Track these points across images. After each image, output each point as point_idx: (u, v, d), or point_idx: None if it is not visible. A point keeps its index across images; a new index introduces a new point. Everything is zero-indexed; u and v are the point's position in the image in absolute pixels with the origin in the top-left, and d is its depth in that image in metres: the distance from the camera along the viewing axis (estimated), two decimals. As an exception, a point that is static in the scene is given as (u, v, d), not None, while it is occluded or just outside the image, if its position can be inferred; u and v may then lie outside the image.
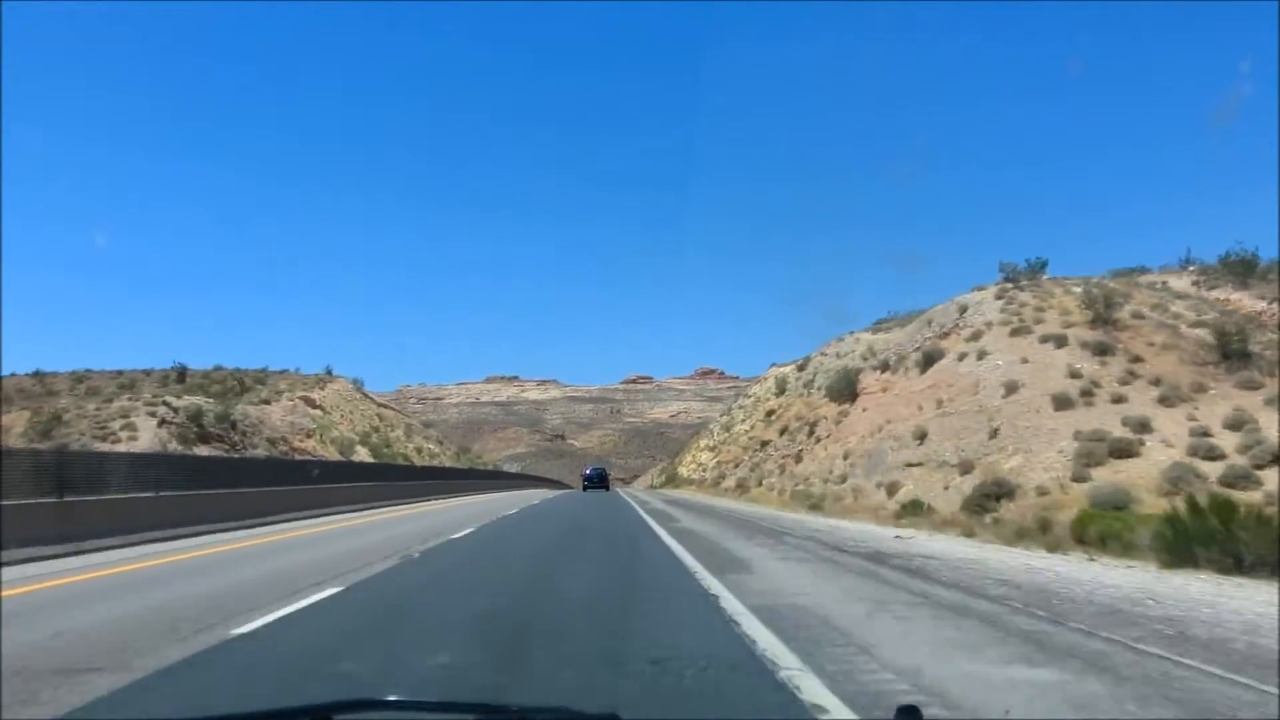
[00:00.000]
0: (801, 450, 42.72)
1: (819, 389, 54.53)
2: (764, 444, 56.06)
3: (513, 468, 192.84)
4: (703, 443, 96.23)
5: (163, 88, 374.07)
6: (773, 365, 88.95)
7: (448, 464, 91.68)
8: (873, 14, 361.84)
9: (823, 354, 66.53)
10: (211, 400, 53.28)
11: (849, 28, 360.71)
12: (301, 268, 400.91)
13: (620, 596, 9.87)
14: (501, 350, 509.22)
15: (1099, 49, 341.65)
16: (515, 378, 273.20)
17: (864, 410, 38.17)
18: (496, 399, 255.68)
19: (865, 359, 49.91)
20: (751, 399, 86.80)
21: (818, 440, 41.63)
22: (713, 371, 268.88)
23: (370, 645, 7.00)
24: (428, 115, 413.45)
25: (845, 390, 42.32)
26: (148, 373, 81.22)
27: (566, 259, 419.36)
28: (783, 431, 53.47)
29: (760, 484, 45.88)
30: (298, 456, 57.83)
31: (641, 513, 28.89)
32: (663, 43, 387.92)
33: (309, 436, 63.68)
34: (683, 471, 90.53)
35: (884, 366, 41.18)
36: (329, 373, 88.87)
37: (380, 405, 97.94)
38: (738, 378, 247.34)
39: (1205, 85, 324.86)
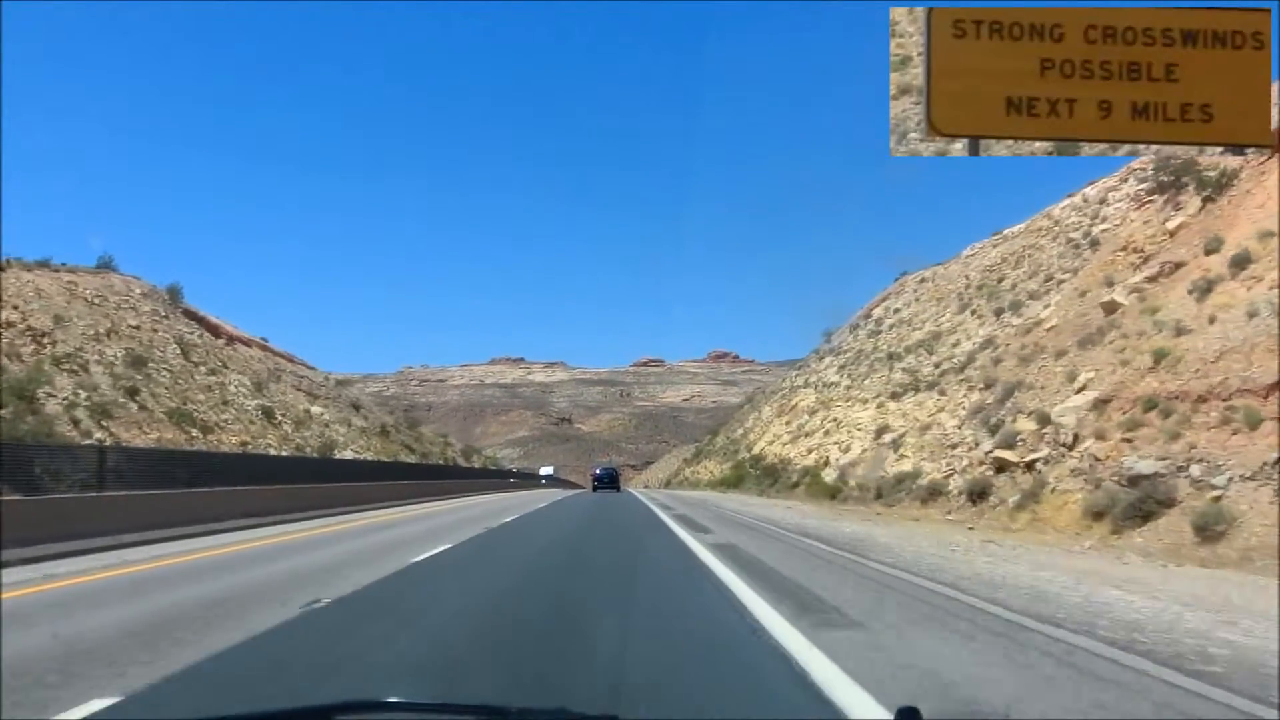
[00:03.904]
0: None
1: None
2: None
3: (514, 452, 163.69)
4: (806, 400, 51.57)
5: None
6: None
7: (348, 451, 49.86)
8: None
9: None
10: None
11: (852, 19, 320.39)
12: (308, 252, 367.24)
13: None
14: (509, 334, 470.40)
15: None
16: (521, 359, 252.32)
17: None
18: (501, 381, 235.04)
19: None
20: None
21: None
22: (726, 355, 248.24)
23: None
24: (434, 100, 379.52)
25: None
26: None
27: (577, 243, 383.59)
28: None
29: None
30: None
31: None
32: (670, 26, 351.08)
33: None
34: (780, 454, 44.47)
35: None
36: (106, 265, 45.39)
37: (232, 338, 51.81)
38: (753, 361, 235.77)
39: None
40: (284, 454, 38.90)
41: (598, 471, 56.79)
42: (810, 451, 42.19)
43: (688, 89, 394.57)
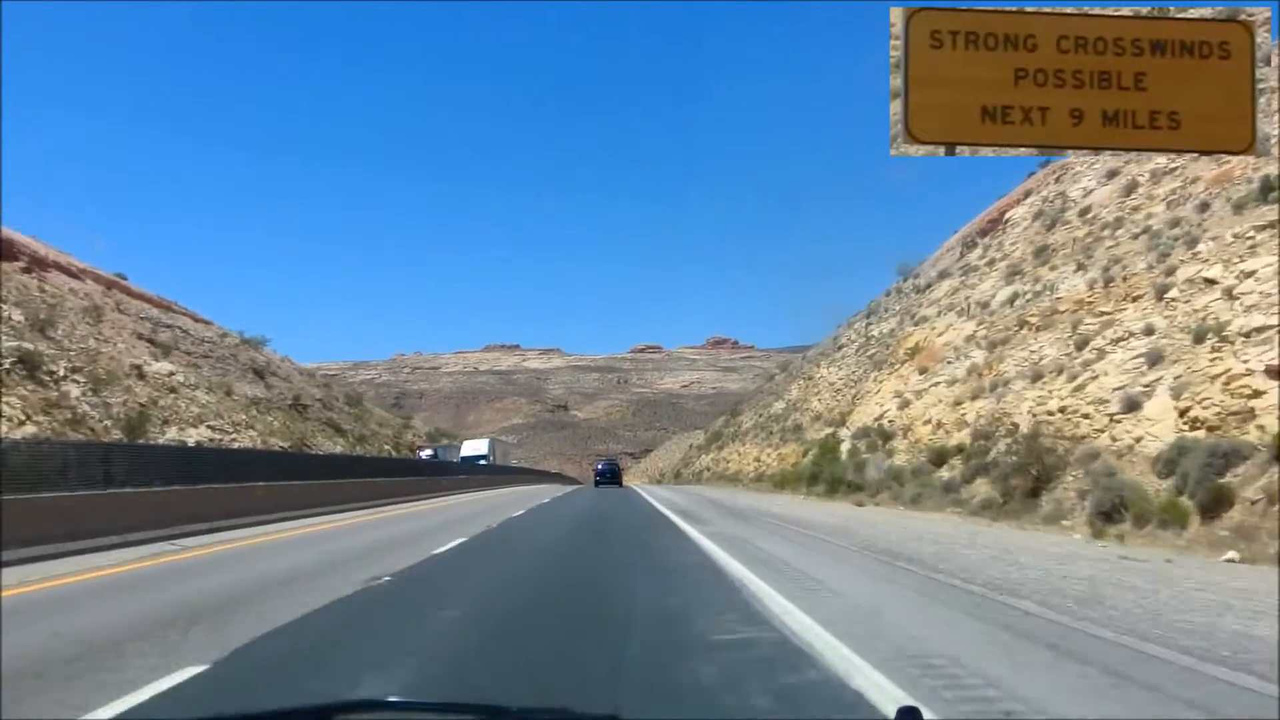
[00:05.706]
0: None
1: None
2: None
3: (509, 440, 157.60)
4: (954, 332, 33.69)
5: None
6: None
7: (201, 429, 35.97)
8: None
9: None
10: None
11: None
12: (303, 244, 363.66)
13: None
14: (505, 322, 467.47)
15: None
16: (516, 346, 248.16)
17: None
18: (496, 368, 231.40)
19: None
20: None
21: None
22: (725, 341, 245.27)
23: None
24: (431, 90, 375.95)
25: None
26: None
27: (575, 230, 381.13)
28: None
29: None
30: None
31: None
32: (670, 17, 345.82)
33: None
34: (955, 422, 25.66)
35: None
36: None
37: (41, 261, 40.98)
38: (753, 347, 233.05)
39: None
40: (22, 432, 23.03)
41: (600, 467, 60.26)
42: (1127, 411, 17.48)
43: (688, 79, 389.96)
